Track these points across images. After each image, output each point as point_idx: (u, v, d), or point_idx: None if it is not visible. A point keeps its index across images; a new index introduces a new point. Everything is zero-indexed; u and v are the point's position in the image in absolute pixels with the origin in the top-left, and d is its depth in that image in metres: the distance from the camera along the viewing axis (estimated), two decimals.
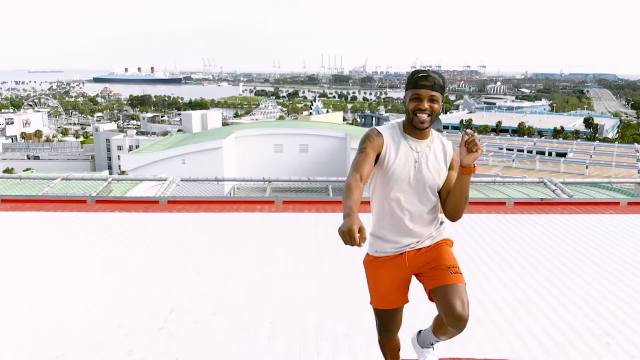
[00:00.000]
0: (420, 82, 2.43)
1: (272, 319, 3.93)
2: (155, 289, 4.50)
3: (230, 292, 4.44)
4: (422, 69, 2.53)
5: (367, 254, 2.74)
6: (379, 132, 2.53)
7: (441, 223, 2.68)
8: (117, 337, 3.65)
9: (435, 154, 2.57)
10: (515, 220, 6.67)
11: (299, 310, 4.07)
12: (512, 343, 3.62)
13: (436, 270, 2.55)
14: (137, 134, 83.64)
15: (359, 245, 2.08)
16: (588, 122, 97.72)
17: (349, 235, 2.07)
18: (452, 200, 2.54)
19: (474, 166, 2.43)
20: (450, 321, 2.42)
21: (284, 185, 10.57)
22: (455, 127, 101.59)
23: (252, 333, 3.72)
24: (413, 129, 2.52)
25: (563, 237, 5.99)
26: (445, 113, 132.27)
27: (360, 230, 2.09)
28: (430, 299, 2.61)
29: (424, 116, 2.45)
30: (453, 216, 2.57)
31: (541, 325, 3.89)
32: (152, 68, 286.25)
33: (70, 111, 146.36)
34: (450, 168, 2.59)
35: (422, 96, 2.43)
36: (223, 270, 4.97)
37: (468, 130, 2.43)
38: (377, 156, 2.51)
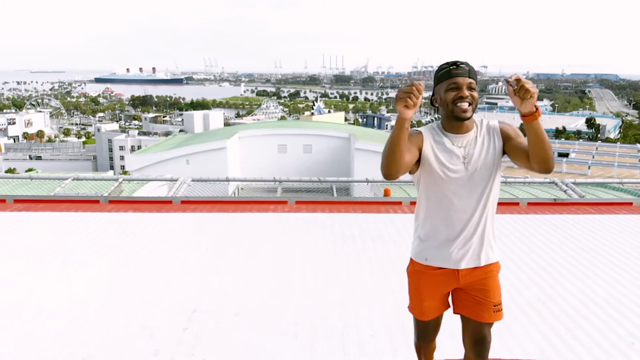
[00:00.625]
0: (454, 70, 2.29)
1: (296, 320, 3.91)
2: (176, 289, 4.49)
3: (251, 293, 4.43)
4: (448, 61, 2.35)
5: (413, 261, 2.55)
6: (417, 130, 2.40)
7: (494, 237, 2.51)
8: (142, 337, 3.64)
9: (484, 142, 2.37)
10: (530, 221, 6.66)
11: (322, 311, 4.06)
12: (539, 343, 3.60)
13: (481, 306, 2.46)
14: (139, 134, 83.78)
15: (421, 89, 2.00)
16: (590, 122, 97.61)
17: (411, 85, 2.00)
18: (535, 154, 2.19)
19: (537, 109, 2.11)
20: (475, 349, 2.52)
21: (289, 185, 10.56)
22: None
23: (277, 333, 3.71)
24: (454, 123, 2.35)
25: (579, 238, 5.97)
26: None
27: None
28: (457, 312, 2.59)
29: (466, 105, 2.28)
30: (546, 168, 2.21)
31: (566, 326, 3.88)
32: (153, 68, 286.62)
33: (72, 111, 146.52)
34: (507, 140, 2.37)
35: (460, 84, 2.28)
36: (242, 271, 4.96)
37: (510, 80, 2.10)
38: (419, 154, 2.35)
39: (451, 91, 2.30)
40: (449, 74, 2.30)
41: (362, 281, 4.69)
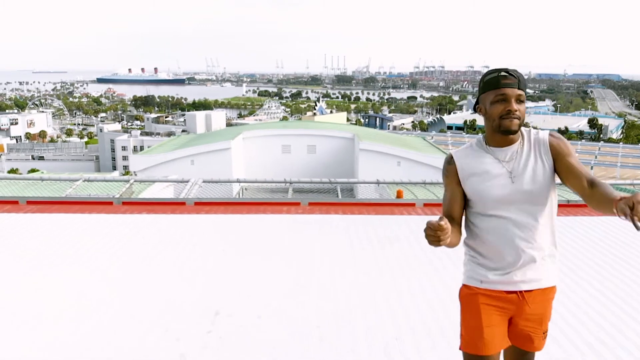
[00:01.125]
0: (503, 80, 2.08)
1: (319, 323, 3.91)
2: (197, 291, 4.49)
3: (271, 295, 4.42)
4: (496, 68, 2.15)
5: (467, 286, 2.29)
6: (450, 157, 2.26)
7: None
8: (167, 341, 3.63)
9: (530, 153, 2.16)
10: None
11: (345, 314, 4.05)
12: (563, 344, 3.60)
13: (532, 336, 2.27)
14: (141, 134, 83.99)
15: (443, 227, 1.88)
16: (592, 122, 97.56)
17: (430, 227, 1.89)
18: (600, 208, 2.00)
19: None
20: None
21: (295, 186, 10.57)
22: (459, 128, 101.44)
23: (301, 336, 3.70)
24: (498, 137, 2.16)
25: (597, 240, 5.97)
26: (449, 113, 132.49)
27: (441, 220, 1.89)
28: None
29: (515, 120, 2.09)
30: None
31: (586, 326, 3.88)
32: (155, 69, 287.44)
33: (74, 112, 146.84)
34: (558, 158, 2.15)
35: (509, 96, 2.07)
36: (261, 273, 4.95)
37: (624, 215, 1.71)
38: (460, 179, 2.23)
39: (498, 104, 2.10)
40: (497, 84, 2.09)
41: (381, 284, 4.68)
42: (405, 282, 4.73)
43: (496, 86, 2.10)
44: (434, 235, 1.90)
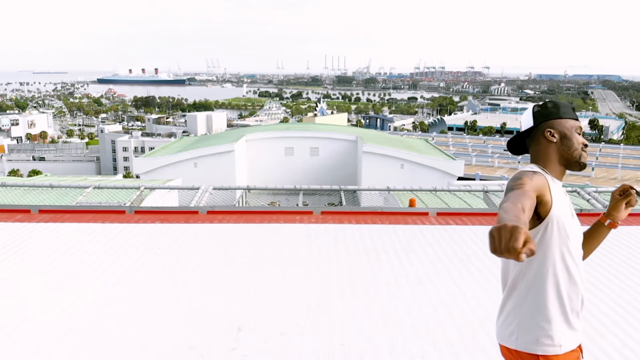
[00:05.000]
0: (574, 115, 2.06)
1: (343, 340, 3.89)
2: (217, 305, 4.48)
3: (293, 310, 4.40)
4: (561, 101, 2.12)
5: (537, 357, 1.93)
6: (532, 170, 1.96)
7: None
8: (192, 358, 3.62)
9: None
10: None
11: (368, 331, 4.04)
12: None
13: None
14: (142, 135, 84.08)
15: (519, 252, 1.31)
16: (593, 123, 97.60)
17: (509, 232, 1.32)
18: (587, 250, 2.19)
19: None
20: None
21: (296, 188, 10.56)
22: (459, 129, 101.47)
23: (326, 354, 3.69)
24: (561, 169, 2.03)
25: (613, 252, 5.95)
26: (450, 114, 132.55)
27: (528, 239, 1.34)
28: None
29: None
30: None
31: (601, 334, 3.87)
32: (156, 69, 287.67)
33: (75, 112, 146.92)
34: None
35: (582, 131, 2.08)
36: (279, 285, 4.94)
37: (633, 190, 2.13)
38: (538, 202, 1.87)
39: (578, 135, 2.03)
40: (576, 116, 2.06)
41: (402, 297, 4.67)
42: (425, 294, 4.72)
43: (576, 118, 2.06)
44: (504, 245, 1.32)
